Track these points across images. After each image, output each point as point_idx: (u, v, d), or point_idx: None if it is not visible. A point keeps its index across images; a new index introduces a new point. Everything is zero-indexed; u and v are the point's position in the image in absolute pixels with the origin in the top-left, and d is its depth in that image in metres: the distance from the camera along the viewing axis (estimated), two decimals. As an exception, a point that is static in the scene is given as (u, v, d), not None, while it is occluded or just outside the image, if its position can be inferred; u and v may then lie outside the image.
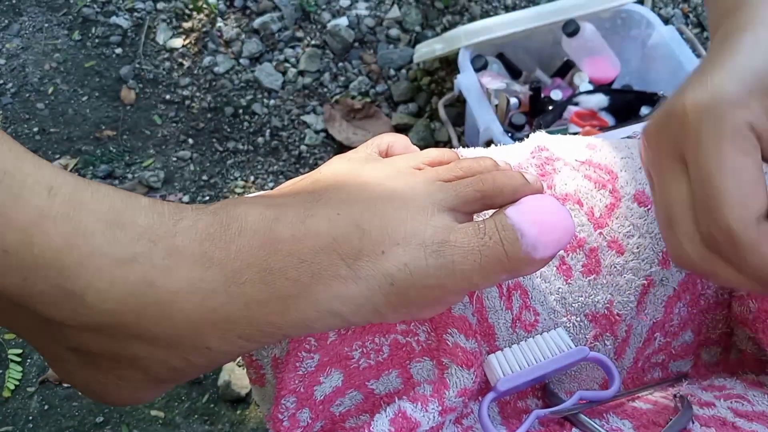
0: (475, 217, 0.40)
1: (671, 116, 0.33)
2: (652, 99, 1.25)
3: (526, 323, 0.43)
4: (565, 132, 1.21)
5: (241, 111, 1.57)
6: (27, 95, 1.57)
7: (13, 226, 0.28)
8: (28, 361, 1.27)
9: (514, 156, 0.49)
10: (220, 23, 1.67)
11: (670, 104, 0.33)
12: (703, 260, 0.33)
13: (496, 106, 1.26)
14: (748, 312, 0.43)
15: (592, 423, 0.39)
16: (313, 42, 1.66)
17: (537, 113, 1.30)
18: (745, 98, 0.31)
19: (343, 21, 1.67)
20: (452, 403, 0.38)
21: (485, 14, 1.70)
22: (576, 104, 1.26)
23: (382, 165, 0.40)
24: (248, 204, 0.35)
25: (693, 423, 0.40)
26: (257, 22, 1.67)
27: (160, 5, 1.69)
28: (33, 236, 0.28)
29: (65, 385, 1.24)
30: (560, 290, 0.44)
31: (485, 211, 0.41)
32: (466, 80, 1.27)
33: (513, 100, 1.25)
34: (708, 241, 0.32)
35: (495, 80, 1.29)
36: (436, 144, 1.51)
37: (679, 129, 0.33)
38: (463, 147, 0.50)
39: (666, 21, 1.68)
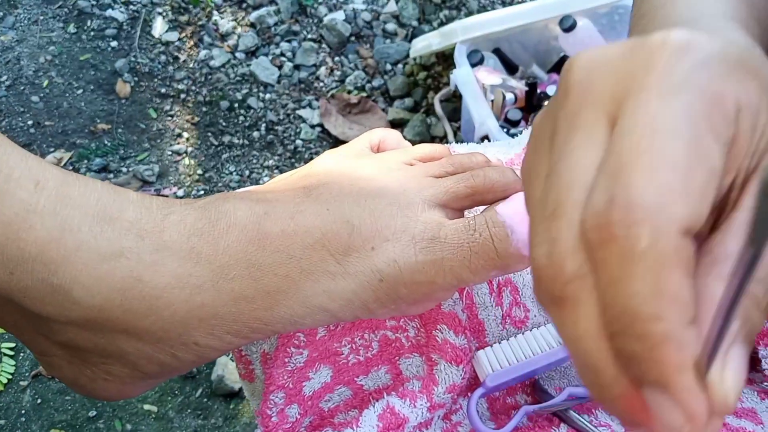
0: (465, 213, 0.40)
1: (631, 49, 0.22)
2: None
3: (516, 319, 0.43)
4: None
5: (236, 105, 1.56)
6: (22, 88, 1.56)
7: None
8: (21, 355, 1.27)
9: (507, 152, 0.49)
10: (216, 17, 1.67)
11: (631, 40, 0.23)
12: (573, 270, 0.20)
13: (492, 101, 1.26)
14: None
15: (581, 419, 0.39)
16: (309, 36, 1.65)
17: (533, 109, 1.30)
18: (747, 62, 0.22)
19: (339, 15, 1.66)
20: (441, 399, 0.38)
21: (482, 9, 1.70)
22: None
23: (373, 160, 0.40)
24: (237, 199, 0.34)
25: (682, 420, 0.40)
26: (253, 16, 1.66)
27: (155, -2, 1.68)
28: (19, 230, 0.28)
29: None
30: (551, 287, 0.44)
31: (476, 208, 0.41)
32: (463, 75, 1.27)
33: (509, 96, 1.25)
34: (592, 232, 0.19)
35: (491, 75, 1.29)
36: (432, 139, 1.50)
37: (637, 65, 0.21)
38: (459, 142, 0.50)
39: (663, 17, 1.68)
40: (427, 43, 1.45)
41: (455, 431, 0.41)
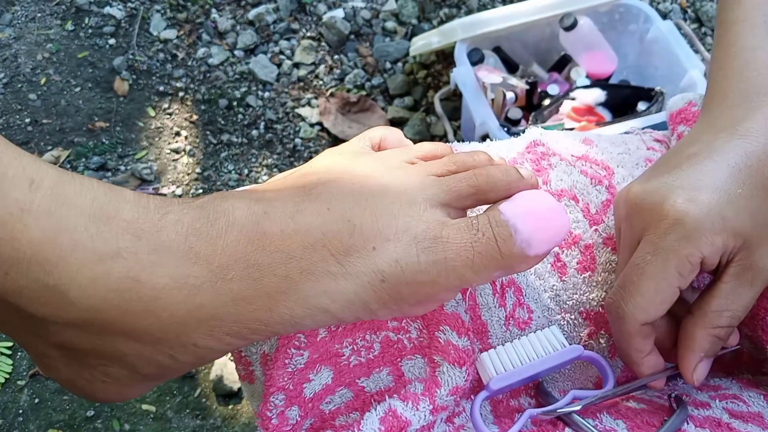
0: (468, 212, 0.40)
1: (653, 206, 0.38)
2: (649, 94, 1.24)
3: (519, 321, 0.42)
4: (561, 127, 1.20)
5: (235, 103, 1.56)
6: (19, 86, 1.55)
7: None
8: (18, 354, 1.27)
9: (509, 151, 0.49)
10: (214, 14, 1.66)
11: (661, 191, 0.39)
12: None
13: (493, 100, 1.26)
14: None
15: (586, 423, 0.39)
16: (308, 34, 1.65)
17: (533, 108, 1.29)
18: (716, 234, 0.37)
19: (339, 13, 1.66)
20: (444, 402, 0.38)
21: (482, 7, 1.69)
22: (573, 99, 1.25)
23: (374, 159, 0.39)
24: (236, 198, 0.34)
25: (688, 424, 0.39)
26: (252, 14, 1.65)
27: (154, -4, 1.68)
28: (14, 231, 0.27)
29: (56, 378, 1.24)
30: (555, 287, 0.43)
31: (479, 207, 0.40)
32: (463, 74, 1.26)
33: (509, 95, 1.24)
34: (608, 305, 0.40)
35: (491, 74, 1.29)
36: (432, 138, 1.50)
37: (651, 221, 0.38)
38: (459, 141, 0.50)
39: (664, 16, 1.68)
40: (426, 42, 1.45)
41: (457, 433, 0.40)
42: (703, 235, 0.36)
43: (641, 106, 1.24)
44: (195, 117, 1.54)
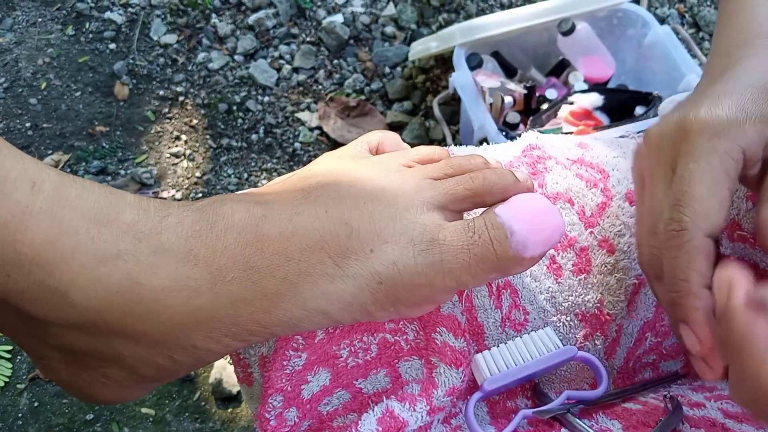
0: (465, 215, 0.40)
1: (677, 127, 0.38)
2: (647, 99, 1.25)
3: (515, 322, 0.43)
4: (559, 131, 1.21)
5: (235, 108, 1.56)
6: (20, 90, 1.56)
7: None
8: (18, 358, 1.27)
9: (505, 154, 0.49)
10: (214, 19, 1.67)
11: (677, 116, 0.39)
12: (648, 260, 0.39)
13: (491, 104, 1.26)
14: None
15: (581, 423, 0.39)
16: (308, 39, 1.65)
17: (531, 112, 1.29)
18: (743, 123, 0.36)
19: (338, 18, 1.66)
20: (440, 403, 0.38)
21: (481, 12, 1.70)
22: (571, 103, 1.26)
23: (372, 162, 0.39)
24: (235, 201, 0.34)
25: (683, 424, 0.39)
26: (252, 19, 1.66)
27: (154, 1, 1.68)
28: (15, 233, 0.28)
29: (56, 381, 1.24)
30: (550, 289, 0.43)
31: (475, 210, 0.41)
32: (461, 78, 1.27)
33: (507, 99, 1.25)
34: (660, 236, 0.37)
35: (490, 79, 1.29)
36: (431, 142, 1.50)
37: (680, 139, 0.38)
38: (458, 145, 0.50)
39: (662, 21, 1.68)
40: (425, 46, 1.45)
41: (454, 435, 0.41)
42: (733, 126, 0.36)
43: (639, 110, 1.24)
44: (195, 121, 1.55)
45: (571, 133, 1.21)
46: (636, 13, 1.33)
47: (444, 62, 1.59)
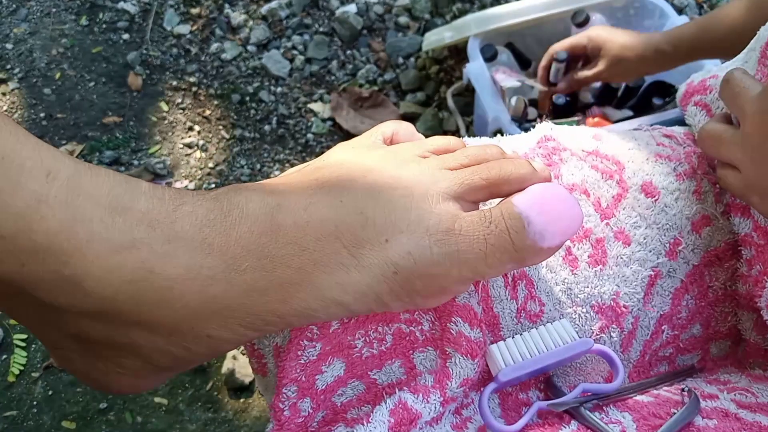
0: (480, 206, 0.40)
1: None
2: (666, 89, 1.24)
3: (531, 313, 0.42)
4: (574, 123, 1.20)
5: (247, 98, 1.56)
6: (34, 80, 1.56)
7: (10, 211, 0.27)
8: (33, 346, 1.28)
9: (520, 146, 0.49)
10: (227, 9, 1.67)
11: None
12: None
13: (512, 107, 1.25)
14: (750, 286, 0.43)
15: (592, 416, 0.39)
16: (321, 29, 1.65)
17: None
18: None
19: (351, 8, 1.66)
20: (454, 394, 0.38)
21: (496, 2, 1.69)
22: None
23: (387, 152, 0.39)
24: (250, 190, 0.34)
25: (695, 415, 0.39)
26: (265, 9, 1.66)
27: (167, -9, 1.68)
28: (31, 222, 0.28)
29: (70, 370, 1.25)
30: (566, 281, 0.43)
31: (491, 200, 0.41)
32: (476, 69, 1.26)
33: (531, 111, 1.24)
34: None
35: (509, 78, 1.28)
36: (444, 133, 1.50)
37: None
38: (472, 137, 0.50)
39: (680, 11, 1.66)
40: (439, 37, 1.44)
41: (465, 426, 0.40)
42: None
43: (656, 101, 1.23)
44: (208, 112, 1.55)
45: (584, 122, 1.21)
46: (654, 3, 1.31)
47: (458, 53, 1.58)
